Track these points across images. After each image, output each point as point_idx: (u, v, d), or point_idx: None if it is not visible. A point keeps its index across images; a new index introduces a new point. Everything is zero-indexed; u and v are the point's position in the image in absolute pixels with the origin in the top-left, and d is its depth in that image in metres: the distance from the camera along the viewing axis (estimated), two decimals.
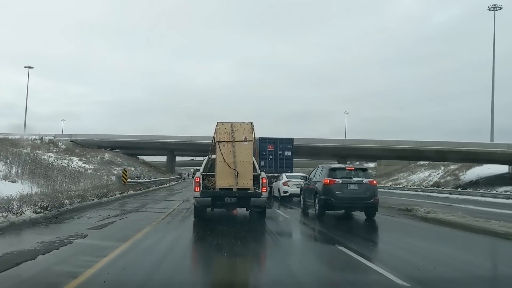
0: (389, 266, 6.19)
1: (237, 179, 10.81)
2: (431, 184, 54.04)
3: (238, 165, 10.84)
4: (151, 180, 31.05)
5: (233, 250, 7.37)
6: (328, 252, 7.95)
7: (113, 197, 17.07)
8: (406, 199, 25.81)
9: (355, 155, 55.06)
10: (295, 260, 7.09)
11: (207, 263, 6.89)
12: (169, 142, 54.63)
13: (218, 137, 11.12)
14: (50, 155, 50.71)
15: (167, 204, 16.81)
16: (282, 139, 25.63)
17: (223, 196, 10.98)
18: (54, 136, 58.89)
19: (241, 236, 8.98)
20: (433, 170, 61.40)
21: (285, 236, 10.31)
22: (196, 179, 11.27)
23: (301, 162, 68.76)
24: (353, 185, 12.48)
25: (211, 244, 8.06)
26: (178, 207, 15.49)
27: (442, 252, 7.82)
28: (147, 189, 25.68)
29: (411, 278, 5.48)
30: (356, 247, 7.87)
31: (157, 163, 72.57)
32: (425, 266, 6.60)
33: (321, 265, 6.92)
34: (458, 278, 5.94)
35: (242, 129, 11.15)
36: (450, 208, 17.42)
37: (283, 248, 8.43)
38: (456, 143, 44.88)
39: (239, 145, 10.97)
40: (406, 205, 16.90)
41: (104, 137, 57.50)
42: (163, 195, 23.04)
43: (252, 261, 7.12)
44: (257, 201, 11.08)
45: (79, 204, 12.80)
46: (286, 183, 20.07)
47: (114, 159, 53.41)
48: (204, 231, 10.10)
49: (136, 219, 11.56)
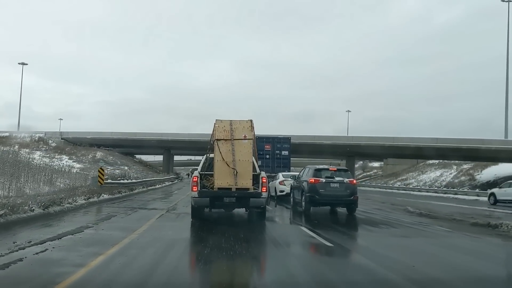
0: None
1: (236, 179, 10.29)
2: (444, 184, 49.69)
3: (237, 164, 10.31)
4: (138, 181, 26.18)
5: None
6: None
7: (72, 205, 12.28)
8: (436, 203, 21.49)
9: (364, 153, 50.36)
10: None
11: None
12: (166, 139, 50.19)
13: (216, 135, 10.55)
14: (39, 153, 47.28)
15: (139, 218, 11.32)
16: (279, 138, 24.94)
17: (222, 196, 10.49)
18: (45, 134, 54.64)
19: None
20: (444, 169, 56.79)
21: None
22: (193, 179, 10.79)
23: (305, 162, 64.28)
24: (335, 184, 13.48)
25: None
26: (153, 225, 9.98)
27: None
28: (131, 191, 21.00)
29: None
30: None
31: (156, 163, 68.48)
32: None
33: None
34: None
35: (242, 127, 10.59)
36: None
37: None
38: (475, 140, 40.40)
39: (238, 143, 10.45)
40: (465, 215, 12.90)
41: (97, 135, 53.15)
42: (147, 200, 17.93)
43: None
44: (257, 201, 10.62)
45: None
46: (283, 182, 19.51)
47: (107, 158, 49.04)
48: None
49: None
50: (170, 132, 50.56)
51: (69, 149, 50.51)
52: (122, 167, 49.75)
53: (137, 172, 49.28)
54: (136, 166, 52.39)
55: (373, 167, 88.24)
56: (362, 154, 51.18)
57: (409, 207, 16.59)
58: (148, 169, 53.79)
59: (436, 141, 41.70)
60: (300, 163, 51.98)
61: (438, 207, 18.35)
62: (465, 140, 40.81)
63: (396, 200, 24.50)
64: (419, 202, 21.18)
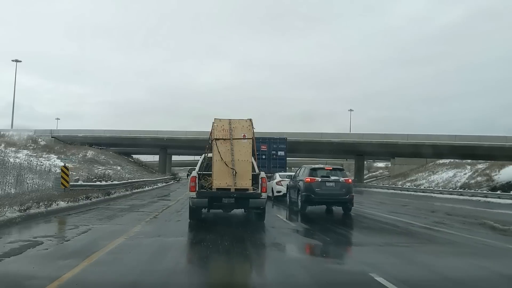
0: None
1: (235, 179, 9.81)
2: (459, 185, 45.40)
3: (236, 164, 9.85)
4: (121, 183, 21.56)
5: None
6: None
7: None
8: (482, 209, 17.30)
9: (374, 152, 46.08)
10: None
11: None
12: (162, 137, 46.09)
13: (215, 134, 10.08)
14: (26, 152, 43.45)
15: (75, 251, 6.49)
16: (275, 139, 24.56)
17: (221, 197, 10.01)
18: (34, 132, 50.49)
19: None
20: (457, 169, 52.45)
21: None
22: (191, 179, 10.31)
23: (308, 162, 60.06)
24: (330, 183, 13.34)
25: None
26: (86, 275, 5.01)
27: None
28: (107, 196, 16.67)
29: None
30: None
31: (153, 163, 64.34)
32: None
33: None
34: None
35: (241, 126, 10.12)
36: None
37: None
38: (497, 137, 36.32)
39: (237, 143, 9.99)
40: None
41: (89, 133, 49.11)
42: (121, 209, 13.58)
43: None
44: (257, 202, 10.12)
45: None
46: (280, 183, 19.01)
47: (98, 157, 44.98)
48: None
49: None
50: (166, 130, 46.40)
51: (59, 148, 46.45)
52: (114, 167, 45.66)
53: (130, 172, 45.20)
54: (130, 166, 48.24)
55: (378, 167, 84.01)
56: (372, 153, 47.01)
57: (486, 220, 11.94)
58: (143, 169, 49.71)
59: (454, 138, 37.54)
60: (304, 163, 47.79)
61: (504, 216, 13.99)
62: (486, 137, 36.68)
63: (432, 205, 19.98)
64: (465, 209, 17.02)
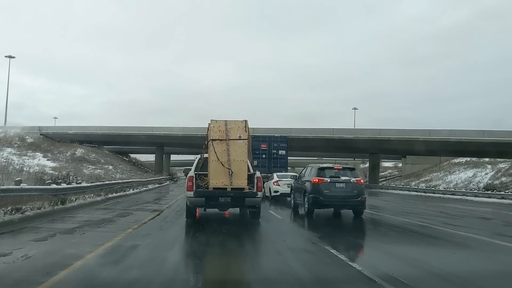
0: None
1: (232, 179, 9.82)
2: (481, 186, 40.61)
3: (232, 164, 9.84)
4: (92, 185, 16.54)
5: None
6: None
7: None
8: None
9: (391, 149, 41.24)
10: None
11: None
12: (157, 135, 41.45)
13: (211, 135, 10.02)
14: (10, 150, 39.10)
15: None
16: (276, 137, 23.64)
17: (218, 196, 10.02)
18: (22, 129, 46.00)
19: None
20: (477, 169, 47.50)
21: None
22: (189, 179, 10.29)
23: (314, 161, 55.37)
24: (341, 184, 12.35)
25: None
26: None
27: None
28: (59, 206, 11.81)
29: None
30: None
31: (151, 163, 59.72)
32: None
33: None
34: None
35: (237, 127, 10.09)
36: None
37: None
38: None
39: (233, 143, 9.96)
40: None
41: (80, 130, 44.52)
42: (38, 237, 7.26)
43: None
44: (252, 201, 10.19)
45: None
46: (277, 183, 18.75)
47: (88, 155, 40.40)
48: None
49: None
50: (162, 126, 41.80)
51: (46, 145, 41.92)
52: (105, 166, 41.12)
53: (123, 172, 40.72)
54: (123, 165, 43.59)
55: (386, 167, 78.95)
56: (388, 151, 42.23)
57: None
58: (138, 169, 45.04)
59: (482, 134, 32.77)
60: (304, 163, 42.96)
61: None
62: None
63: (499, 213, 15.25)
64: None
